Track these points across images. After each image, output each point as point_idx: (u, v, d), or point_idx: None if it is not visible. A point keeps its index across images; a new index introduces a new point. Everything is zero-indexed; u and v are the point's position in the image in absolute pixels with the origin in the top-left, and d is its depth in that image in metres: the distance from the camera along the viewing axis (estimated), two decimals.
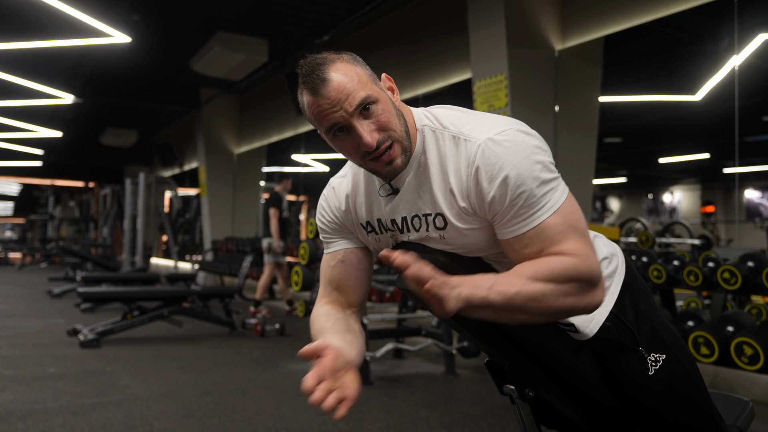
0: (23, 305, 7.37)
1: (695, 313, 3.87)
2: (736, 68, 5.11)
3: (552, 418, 1.56)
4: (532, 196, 1.13)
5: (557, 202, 1.15)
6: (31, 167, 18.01)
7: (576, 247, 1.15)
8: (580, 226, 1.18)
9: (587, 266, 1.14)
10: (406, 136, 1.21)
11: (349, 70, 1.18)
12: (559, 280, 1.12)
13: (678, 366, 1.35)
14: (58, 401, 3.22)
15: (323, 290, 1.39)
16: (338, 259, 1.37)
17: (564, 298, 1.13)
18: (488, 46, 5.04)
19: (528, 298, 1.10)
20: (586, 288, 1.15)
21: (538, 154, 1.15)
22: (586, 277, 1.14)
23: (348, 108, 1.15)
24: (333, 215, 1.38)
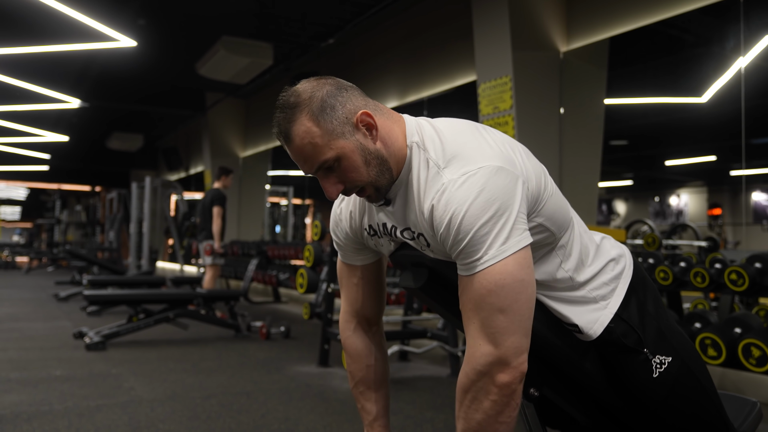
0: (30, 308, 7.39)
1: (702, 315, 3.84)
2: (742, 70, 5.09)
3: (557, 419, 1.55)
4: (473, 244, 1.11)
5: (494, 258, 1.11)
6: (38, 172, 18.11)
7: (471, 341, 1.15)
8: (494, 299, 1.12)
9: (471, 367, 1.14)
10: (379, 175, 1.22)
11: (309, 132, 1.18)
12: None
13: (685, 369, 1.33)
14: (63, 403, 3.23)
15: (348, 308, 1.49)
16: (358, 276, 1.45)
17: (471, 412, 1.15)
18: (493, 49, 5.04)
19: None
20: (479, 385, 1.14)
21: (497, 201, 1.11)
22: (470, 380, 1.15)
23: (308, 170, 1.23)
24: (344, 232, 1.43)
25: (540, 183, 1.22)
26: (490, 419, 1.13)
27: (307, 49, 7.71)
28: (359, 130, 1.21)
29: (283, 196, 12.65)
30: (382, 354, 1.51)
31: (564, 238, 1.28)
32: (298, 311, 7.66)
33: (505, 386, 1.12)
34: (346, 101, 1.22)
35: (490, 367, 1.12)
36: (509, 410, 1.14)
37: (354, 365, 1.48)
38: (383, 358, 1.51)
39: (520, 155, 1.22)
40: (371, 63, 7.57)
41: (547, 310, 1.31)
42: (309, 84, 1.23)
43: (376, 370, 1.48)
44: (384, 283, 1.50)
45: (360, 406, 1.48)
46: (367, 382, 1.47)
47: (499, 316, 1.11)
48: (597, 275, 1.32)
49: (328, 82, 1.23)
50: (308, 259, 4.51)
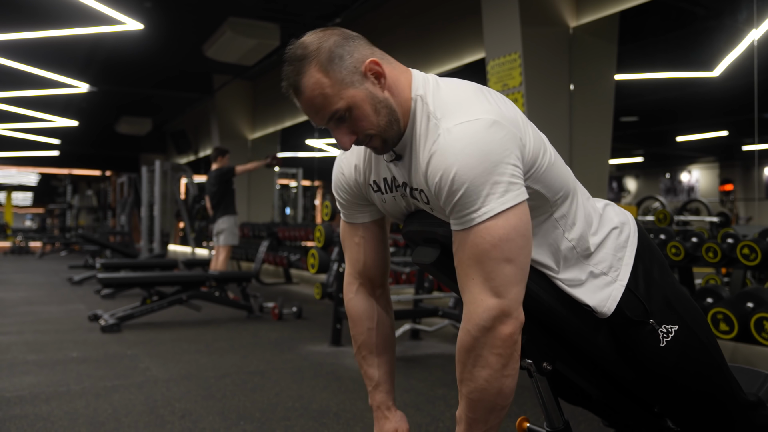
0: (45, 292, 7.48)
1: (714, 290, 3.84)
2: (755, 42, 5.01)
3: (569, 392, 1.56)
4: (468, 195, 1.10)
5: (493, 210, 1.10)
6: (49, 157, 18.20)
7: (471, 296, 1.14)
8: (498, 252, 1.11)
9: (474, 324, 1.13)
10: (388, 125, 1.22)
11: (318, 83, 1.18)
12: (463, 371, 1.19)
13: (692, 337, 1.33)
14: (80, 384, 3.28)
15: (351, 269, 1.47)
16: (360, 235, 1.44)
17: (476, 370, 1.15)
18: (501, 25, 4.99)
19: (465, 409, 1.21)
20: (483, 340, 1.13)
21: (491, 153, 1.10)
22: (473, 338, 1.14)
23: (320, 121, 1.22)
24: (347, 185, 1.41)
25: (538, 148, 1.21)
26: (496, 374, 1.13)
27: (314, 28, 7.65)
28: (368, 78, 1.21)
29: (293, 178, 12.66)
30: (386, 317, 1.48)
31: (564, 207, 1.27)
32: (308, 292, 7.71)
33: (509, 337, 1.12)
34: (354, 50, 1.21)
35: (494, 321, 1.11)
36: (513, 362, 1.14)
37: (356, 328, 1.45)
38: (388, 322, 1.48)
39: (521, 119, 1.22)
40: (378, 42, 7.43)
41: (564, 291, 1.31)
42: (315, 35, 1.23)
43: (379, 334, 1.45)
44: (387, 243, 1.47)
45: (363, 371, 1.45)
46: (369, 346, 1.44)
47: (505, 267, 1.11)
48: (601, 245, 1.32)
49: (334, 33, 1.23)
50: (319, 239, 4.53)
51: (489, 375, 1.14)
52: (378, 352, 1.44)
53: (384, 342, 1.46)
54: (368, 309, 1.46)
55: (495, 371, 1.13)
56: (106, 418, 2.73)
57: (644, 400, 1.46)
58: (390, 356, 1.46)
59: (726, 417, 1.39)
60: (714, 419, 1.40)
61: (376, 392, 1.44)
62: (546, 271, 1.28)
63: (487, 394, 1.15)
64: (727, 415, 1.39)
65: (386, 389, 1.44)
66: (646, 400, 1.45)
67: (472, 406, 1.18)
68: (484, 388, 1.15)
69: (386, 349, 1.46)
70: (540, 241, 1.26)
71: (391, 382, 1.45)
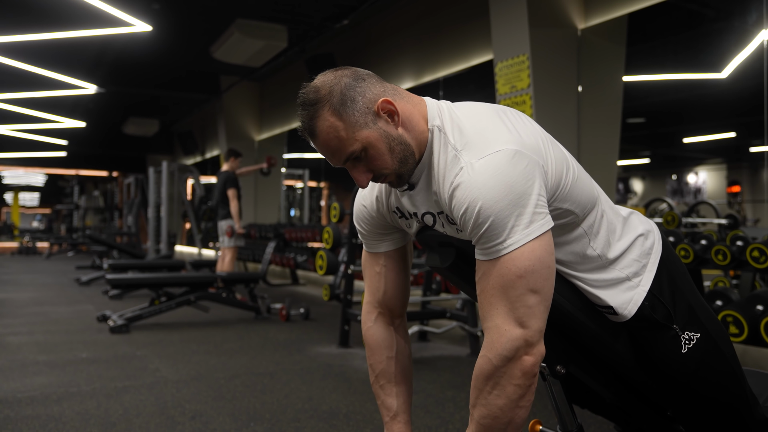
0: (53, 293, 7.51)
1: (724, 293, 3.83)
2: (764, 43, 5.00)
3: (583, 397, 1.56)
4: (494, 228, 1.11)
5: (519, 242, 1.11)
6: (56, 158, 18.28)
7: (494, 326, 1.14)
8: (524, 283, 1.12)
9: (496, 353, 1.13)
10: (403, 162, 1.23)
11: (333, 127, 1.20)
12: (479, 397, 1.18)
13: (713, 346, 1.34)
14: (91, 385, 3.30)
15: (371, 298, 1.47)
16: (381, 264, 1.45)
17: (492, 398, 1.15)
18: (510, 27, 4.99)
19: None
20: (504, 370, 1.13)
21: (515, 185, 1.10)
22: (494, 366, 1.14)
23: (336, 162, 1.25)
24: (369, 217, 1.43)
25: (561, 168, 1.21)
26: (511, 404, 1.14)
27: (322, 30, 7.68)
28: (381, 117, 1.22)
29: (299, 179, 12.68)
30: (405, 347, 1.48)
31: (590, 218, 1.29)
32: (316, 293, 7.72)
33: (530, 369, 1.13)
34: (366, 91, 1.22)
35: (516, 351, 1.12)
36: (529, 394, 1.15)
37: (374, 357, 1.45)
38: (406, 351, 1.48)
39: (542, 141, 1.21)
40: (386, 43, 7.53)
41: (581, 293, 1.31)
42: (326, 77, 1.23)
43: (398, 363, 1.44)
44: (408, 273, 1.48)
45: (380, 402, 1.44)
46: (388, 375, 1.44)
47: (530, 298, 1.12)
48: (627, 251, 1.32)
49: (345, 74, 1.23)
50: (327, 240, 4.54)
51: (504, 404, 1.14)
52: (397, 381, 1.44)
53: (403, 371, 1.45)
54: (387, 338, 1.46)
55: (511, 401, 1.14)
56: (117, 418, 2.74)
57: (658, 404, 1.46)
58: (408, 386, 1.46)
59: (739, 427, 1.39)
60: (726, 428, 1.40)
61: (394, 423, 1.42)
62: (565, 269, 1.29)
63: (498, 422, 1.15)
64: (742, 425, 1.39)
65: (404, 419, 1.43)
66: (660, 404, 1.46)
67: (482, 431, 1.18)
68: (497, 416, 1.15)
69: (405, 378, 1.45)
70: (567, 249, 1.28)
71: (408, 412, 1.44)
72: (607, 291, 1.30)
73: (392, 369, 1.44)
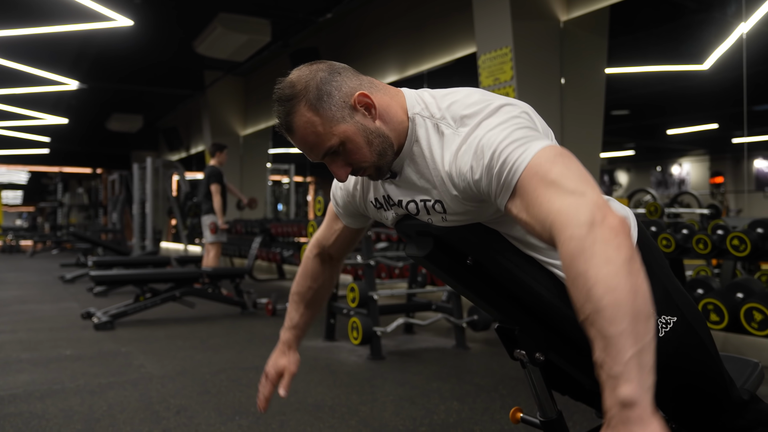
0: (37, 291, 7.45)
1: (705, 281, 3.87)
2: (743, 36, 5.05)
3: (563, 383, 1.58)
4: (507, 153, 1.07)
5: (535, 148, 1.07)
6: (39, 155, 18.10)
7: (557, 210, 1.01)
8: (558, 166, 1.05)
9: (573, 227, 0.97)
10: (382, 154, 1.23)
11: (310, 122, 1.20)
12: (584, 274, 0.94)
13: (689, 329, 1.35)
14: (75, 381, 3.28)
15: (320, 240, 1.60)
16: (340, 228, 1.54)
17: (595, 271, 0.93)
18: (492, 19, 5.00)
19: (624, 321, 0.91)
20: (592, 237, 0.96)
21: (513, 121, 1.12)
22: (579, 237, 0.96)
23: (314, 158, 1.25)
24: (345, 199, 1.47)
25: (547, 134, 1.23)
26: (622, 269, 0.93)
27: (306, 24, 7.65)
28: (358, 111, 1.22)
29: (285, 174, 12.64)
30: (329, 285, 1.65)
31: None
32: None
33: (620, 225, 0.96)
34: (341, 84, 1.22)
35: (593, 213, 0.97)
36: (636, 258, 0.96)
37: (301, 280, 1.62)
38: (328, 288, 1.65)
39: (530, 108, 1.23)
40: (370, 37, 7.51)
41: (558, 280, 1.32)
42: (302, 72, 1.23)
43: (316, 294, 1.62)
44: (357, 242, 1.60)
45: (288, 310, 1.63)
46: (304, 298, 1.62)
47: (571, 171, 1.04)
48: None
49: (320, 68, 1.23)
50: (312, 235, 4.53)
51: (613, 270, 0.93)
52: (307, 305, 1.62)
53: (316, 301, 1.64)
54: (318, 272, 1.61)
55: (619, 266, 0.93)
56: (101, 415, 2.73)
57: None
58: (314, 312, 1.64)
59: (717, 410, 1.41)
60: (704, 411, 1.42)
61: (289, 331, 1.61)
62: (544, 257, 1.29)
63: (620, 293, 0.91)
64: (719, 407, 1.41)
65: (297, 334, 1.62)
66: None
67: (610, 316, 0.91)
68: (614, 287, 0.91)
69: (315, 306, 1.64)
70: None
71: (304, 330, 1.63)
72: None
73: (309, 295, 1.61)
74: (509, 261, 1.28)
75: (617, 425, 0.85)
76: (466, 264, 1.30)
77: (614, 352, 0.88)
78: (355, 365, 3.67)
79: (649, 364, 0.88)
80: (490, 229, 1.28)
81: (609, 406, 0.86)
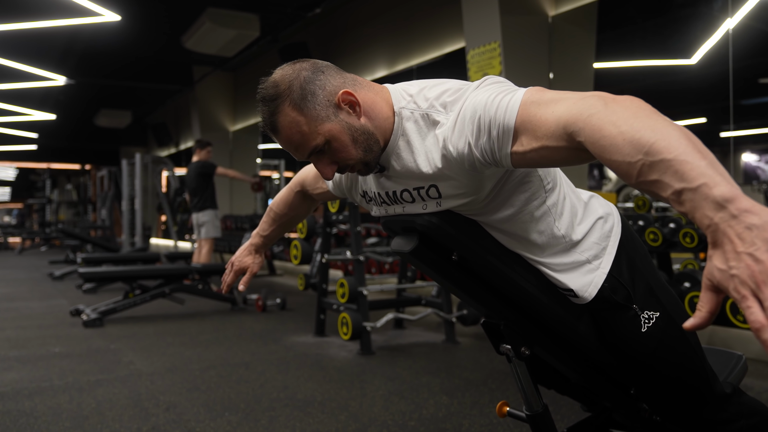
0: (25, 288, 7.41)
1: (691, 275, 3.90)
2: (730, 30, 5.07)
3: (549, 377, 1.59)
4: (495, 109, 1.08)
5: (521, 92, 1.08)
6: (27, 151, 17.95)
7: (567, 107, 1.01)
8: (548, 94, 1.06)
9: (591, 106, 0.97)
10: (368, 151, 1.24)
11: (295, 122, 1.20)
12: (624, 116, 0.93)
13: (672, 324, 1.37)
14: (64, 379, 3.27)
15: (302, 181, 1.68)
16: (324, 188, 1.60)
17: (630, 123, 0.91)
18: (481, 14, 5.00)
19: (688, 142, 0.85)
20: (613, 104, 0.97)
21: (492, 84, 1.14)
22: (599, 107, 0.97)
23: (300, 157, 1.26)
24: (338, 180, 1.51)
25: None
26: (652, 111, 0.93)
27: (295, 19, 7.62)
28: (342, 109, 1.22)
29: (275, 170, 12.61)
30: (303, 214, 1.76)
31: (554, 196, 1.30)
32: (293, 283, 7.71)
33: (629, 96, 0.97)
34: (325, 83, 1.22)
35: (601, 97, 0.99)
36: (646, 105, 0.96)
37: (281, 204, 1.72)
38: (302, 215, 1.77)
39: None
40: (359, 32, 7.49)
41: (542, 275, 1.33)
42: (285, 71, 1.23)
43: (291, 219, 1.75)
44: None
45: (263, 220, 1.76)
46: (279, 220, 1.74)
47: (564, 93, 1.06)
48: (587, 235, 1.34)
49: (304, 67, 1.23)
50: (301, 230, 4.53)
51: (647, 118, 0.90)
52: (279, 225, 1.76)
53: (288, 224, 1.77)
54: (296, 205, 1.71)
55: (650, 113, 0.92)
56: (89, 412, 2.73)
57: (621, 383, 1.49)
58: (284, 231, 1.78)
59: (699, 403, 1.43)
60: (687, 404, 1.44)
61: (259, 237, 1.75)
62: (530, 255, 1.30)
63: (667, 129, 0.87)
64: (701, 400, 1.43)
65: (266, 242, 1.77)
66: (623, 383, 1.49)
67: (667, 146, 0.84)
68: (658, 127, 0.88)
69: (286, 228, 1.77)
70: (533, 227, 1.28)
71: (272, 241, 1.78)
72: (568, 274, 1.32)
73: (284, 220, 1.74)
74: (494, 256, 1.29)
75: (727, 227, 0.75)
76: (451, 259, 1.31)
77: (688, 169, 0.81)
78: (345, 360, 3.68)
79: (725, 173, 0.80)
80: (475, 225, 1.29)
81: (708, 218, 0.78)
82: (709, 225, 0.78)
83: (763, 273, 0.72)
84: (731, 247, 0.75)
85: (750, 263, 0.73)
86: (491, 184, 1.20)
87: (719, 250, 0.76)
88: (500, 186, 1.22)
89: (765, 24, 6.00)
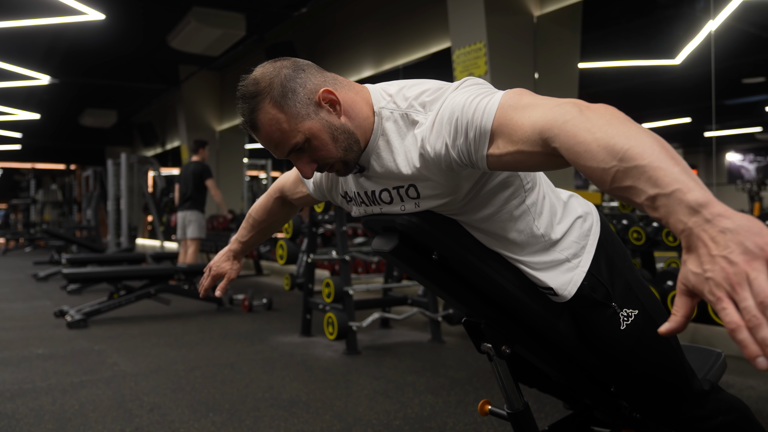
0: (9, 289, 7.34)
1: (675, 273, 3.93)
2: (712, 32, 5.12)
3: (530, 376, 1.60)
4: (474, 109, 1.08)
5: (499, 95, 1.08)
6: (11, 151, 17.78)
7: (543, 113, 1.01)
8: (524, 97, 1.06)
9: (566, 112, 0.97)
10: (347, 150, 1.24)
11: (274, 119, 1.20)
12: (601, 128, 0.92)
13: (650, 321, 1.38)
14: (46, 381, 3.24)
15: (281, 187, 1.67)
16: (304, 192, 1.59)
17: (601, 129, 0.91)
18: (467, 14, 5.01)
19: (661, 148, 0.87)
20: (588, 111, 0.96)
21: (471, 86, 1.14)
22: (573, 113, 0.96)
23: (280, 155, 1.25)
24: (315, 181, 1.51)
25: None
26: (626, 119, 0.93)
27: (280, 18, 7.61)
28: (323, 107, 1.22)
29: (262, 170, 12.57)
30: (282, 221, 1.76)
31: (533, 195, 1.31)
32: (279, 283, 7.70)
33: (604, 105, 0.97)
34: (306, 81, 1.22)
35: (576, 104, 0.98)
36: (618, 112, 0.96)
37: (260, 210, 1.72)
38: (281, 222, 1.76)
39: None
40: (345, 31, 7.49)
41: (522, 274, 1.34)
42: (265, 69, 1.23)
43: (270, 226, 1.75)
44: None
45: (242, 226, 1.76)
46: (258, 226, 1.73)
47: (542, 98, 1.06)
48: (567, 233, 1.35)
49: (284, 65, 1.23)
50: (287, 230, 4.52)
51: (621, 126, 0.91)
52: (258, 230, 1.75)
53: (267, 231, 1.76)
54: (275, 212, 1.71)
55: (624, 121, 0.92)
56: (72, 414, 2.71)
57: (601, 380, 1.51)
58: (263, 238, 1.78)
59: (677, 399, 1.44)
60: (666, 401, 1.45)
61: (238, 244, 1.75)
62: (510, 253, 1.31)
63: (641, 136, 0.89)
64: (680, 397, 1.44)
65: (244, 249, 1.76)
66: (603, 380, 1.50)
67: (641, 152, 0.86)
68: (632, 135, 0.89)
69: (264, 235, 1.77)
70: (512, 226, 1.29)
71: (252, 246, 1.78)
72: (547, 273, 1.33)
73: (263, 226, 1.73)
74: (474, 255, 1.29)
75: (701, 231, 0.76)
76: (432, 259, 1.31)
77: (662, 175, 0.82)
78: (331, 360, 3.68)
79: (698, 180, 0.81)
80: (454, 224, 1.29)
81: (682, 222, 0.78)
82: (683, 230, 0.78)
83: (738, 275, 0.72)
84: (705, 251, 0.75)
85: (725, 266, 0.73)
86: (469, 185, 1.21)
87: (693, 254, 0.77)
88: (479, 187, 1.22)
89: (747, 25, 6.07)
